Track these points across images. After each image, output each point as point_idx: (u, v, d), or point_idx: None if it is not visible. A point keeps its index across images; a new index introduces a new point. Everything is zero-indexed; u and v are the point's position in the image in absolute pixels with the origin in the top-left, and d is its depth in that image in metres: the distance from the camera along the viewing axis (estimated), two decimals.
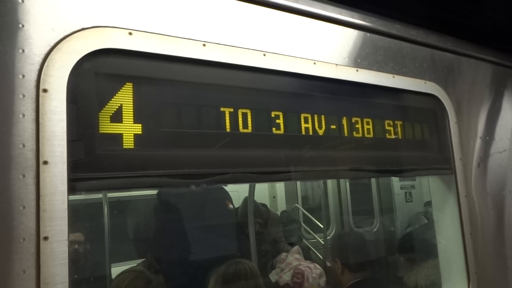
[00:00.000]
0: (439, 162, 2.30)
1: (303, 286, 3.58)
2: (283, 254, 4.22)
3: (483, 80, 2.67)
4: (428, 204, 5.74)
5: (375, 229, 6.56)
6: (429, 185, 2.47)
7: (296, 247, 4.26)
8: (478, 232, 2.35)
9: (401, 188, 7.27)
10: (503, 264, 2.49)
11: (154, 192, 3.73)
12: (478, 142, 2.49)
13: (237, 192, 6.16)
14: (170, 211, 3.63)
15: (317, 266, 3.82)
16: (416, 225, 5.58)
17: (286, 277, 3.84)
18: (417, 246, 3.44)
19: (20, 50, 1.15)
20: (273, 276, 3.94)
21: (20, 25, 1.16)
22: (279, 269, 4.00)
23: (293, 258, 4.07)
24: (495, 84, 2.72)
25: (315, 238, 6.65)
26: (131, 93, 1.35)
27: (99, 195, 4.25)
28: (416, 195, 7.26)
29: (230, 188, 6.00)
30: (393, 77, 2.10)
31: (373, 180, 6.36)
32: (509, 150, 2.71)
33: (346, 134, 1.92)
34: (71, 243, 1.13)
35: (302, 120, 1.77)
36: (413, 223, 6.01)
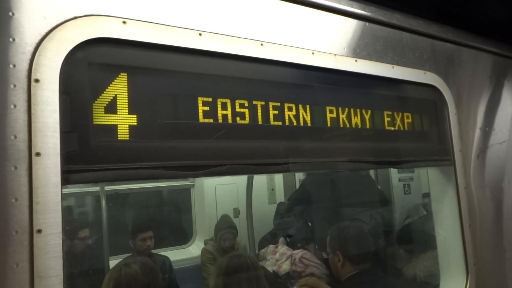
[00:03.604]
0: (439, 153, 2.28)
1: (303, 273, 3.75)
2: (271, 246, 4.47)
3: (484, 71, 2.65)
4: (426, 195, 5.74)
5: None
6: (428, 177, 2.45)
7: (281, 239, 4.53)
8: (477, 223, 2.35)
9: (400, 180, 7.27)
10: (501, 256, 2.48)
11: None
12: (478, 133, 2.47)
13: (235, 184, 6.16)
14: None
15: (312, 254, 4.03)
16: (415, 216, 5.59)
17: (285, 266, 3.99)
18: (416, 238, 3.44)
19: (11, 39, 1.12)
20: (270, 267, 4.09)
21: (11, 13, 1.13)
22: (274, 260, 4.16)
23: (285, 249, 4.29)
24: (496, 75, 2.70)
25: None
26: (126, 84, 1.32)
27: None
28: (415, 187, 7.26)
29: (227, 180, 6.02)
30: (393, 67, 2.08)
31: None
32: (509, 141, 2.69)
33: (344, 125, 1.90)
34: None
35: (301, 111, 1.75)
36: (411, 215, 6.01)
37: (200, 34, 1.47)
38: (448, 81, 2.33)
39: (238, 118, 1.56)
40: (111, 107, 1.29)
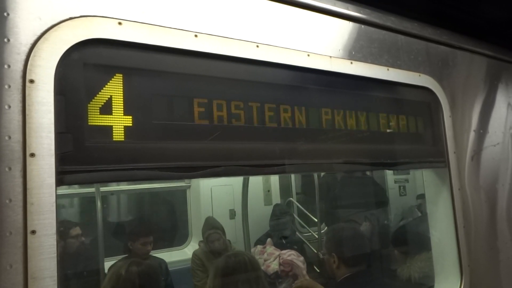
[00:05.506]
0: (433, 155, 2.29)
1: (290, 272, 3.84)
2: (259, 246, 4.55)
3: (478, 74, 2.66)
4: (421, 197, 5.77)
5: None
6: (423, 179, 2.47)
7: (269, 239, 4.61)
8: (471, 225, 2.36)
9: (395, 182, 7.31)
10: (495, 257, 2.50)
11: None
12: (472, 136, 2.49)
13: (231, 186, 6.15)
14: None
15: (298, 253, 4.13)
16: (410, 218, 5.62)
17: (274, 266, 4.05)
18: (411, 239, 3.45)
19: (5, 40, 1.12)
20: None
21: (5, 14, 1.13)
22: (262, 259, 4.22)
23: (272, 249, 4.42)
24: (490, 77, 2.72)
25: (309, 232, 6.67)
26: (121, 85, 1.32)
27: None
28: (410, 189, 7.30)
29: (223, 182, 6.02)
30: (388, 69, 2.09)
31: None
32: (503, 144, 2.71)
33: (340, 127, 1.90)
34: None
35: (296, 112, 1.75)
36: (406, 216, 6.04)
37: (196, 36, 1.47)
38: (443, 84, 2.34)
39: (233, 120, 1.57)
40: (106, 108, 1.29)
